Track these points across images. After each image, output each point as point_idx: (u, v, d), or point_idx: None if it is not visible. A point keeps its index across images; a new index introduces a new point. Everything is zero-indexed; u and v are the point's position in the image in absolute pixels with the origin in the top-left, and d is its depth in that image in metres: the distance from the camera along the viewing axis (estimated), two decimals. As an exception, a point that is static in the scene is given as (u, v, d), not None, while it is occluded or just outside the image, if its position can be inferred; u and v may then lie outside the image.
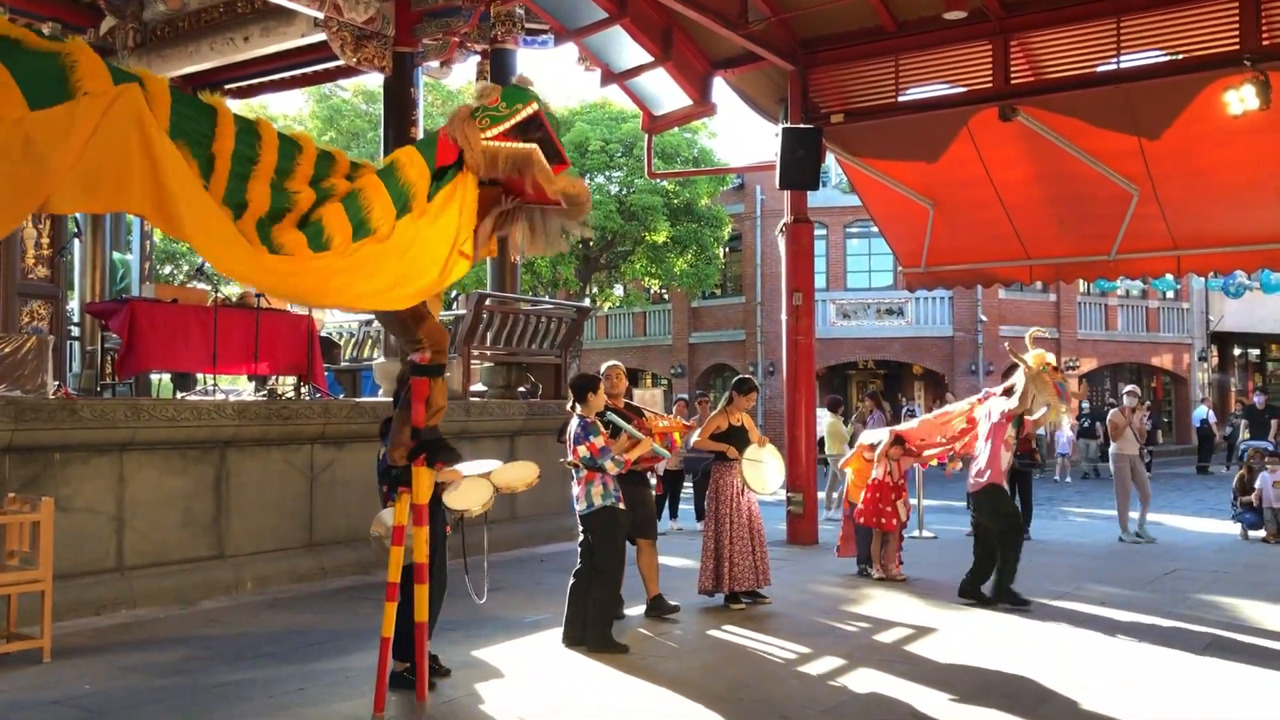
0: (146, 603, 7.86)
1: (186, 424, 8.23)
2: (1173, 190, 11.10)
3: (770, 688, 5.83)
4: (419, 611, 5.33)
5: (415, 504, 5.07)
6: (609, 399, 7.60)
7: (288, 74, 14.30)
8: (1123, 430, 12.19)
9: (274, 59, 13.29)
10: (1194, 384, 32.59)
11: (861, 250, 30.12)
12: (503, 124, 4.89)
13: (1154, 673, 6.19)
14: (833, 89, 11.97)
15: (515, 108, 4.96)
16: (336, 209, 4.32)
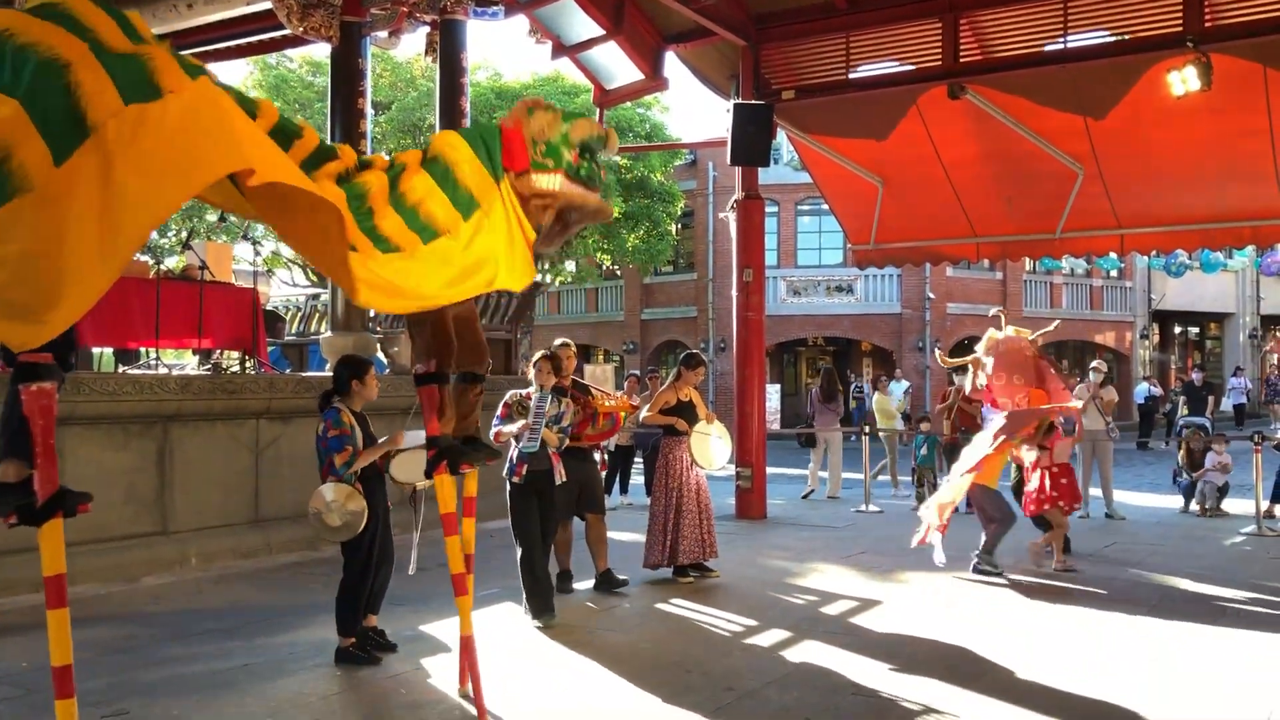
0: (88, 579, 7.73)
1: (128, 398, 8.10)
2: (1117, 170, 11.27)
3: (717, 660, 5.88)
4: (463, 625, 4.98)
5: (444, 513, 4.78)
6: (558, 378, 7.58)
7: (233, 43, 14.00)
8: (1085, 406, 12.18)
9: (219, 27, 13.02)
10: (1135, 361, 33.21)
11: (812, 228, 30.28)
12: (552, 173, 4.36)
13: (1091, 643, 6.32)
14: (784, 65, 11.98)
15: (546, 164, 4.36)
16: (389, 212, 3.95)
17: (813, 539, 10.31)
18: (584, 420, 7.33)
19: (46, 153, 3.08)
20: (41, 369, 3.36)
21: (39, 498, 3.44)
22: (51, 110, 3.10)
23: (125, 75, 3.20)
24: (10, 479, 3.48)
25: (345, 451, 5.56)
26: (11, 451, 3.46)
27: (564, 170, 4.35)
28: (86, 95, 3.12)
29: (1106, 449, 12.17)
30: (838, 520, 11.72)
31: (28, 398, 3.36)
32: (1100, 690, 5.29)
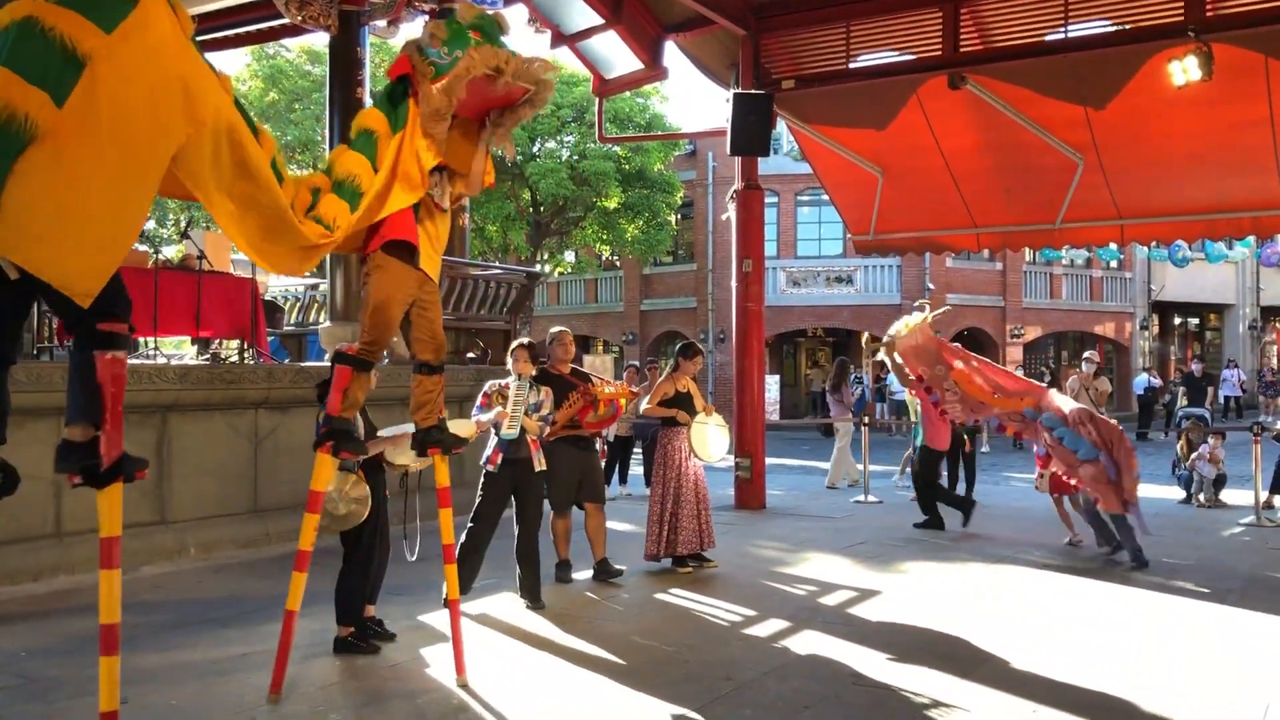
0: (86, 569, 7.72)
1: (132, 388, 8.07)
2: (1117, 160, 11.25)
3: (716, 650, 5.88)
4: (291, 599, 5.10)
5: (312, 489, 4.91)
6: (557, 365, 7.58)
7: (230, 32, 13.95)
8: (1079, 397, 12.18)
9: (216, 16, 12.95)
10: (1135, 352, 33.21)
11: (812, 218, 30.24)
12: (445, 77, 4.58)
13: (1090, 632, 6.32)
14: (784, 54, 11.95)
15: (455, 56, 4.58)
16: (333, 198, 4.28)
17: (812, 529, 10.31)
18: (585, 407, 7.31)
19: (46, 98, 3.20)
20: (117, 338, 3.51)
21: (104, 461, 3.58)
22: (37, 59, 3.22)
23: (94, 7, 3.31)
24: (77, 439, 3.59)
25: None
26: (83, 414, 3.56)
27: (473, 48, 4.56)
28: (64, 33, 3.25)
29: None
30: (837, 511, 11.73)
31: (102, 365, 3.49)
32: (1098, 679, 5.29)
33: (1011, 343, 30.27)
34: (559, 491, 7.57)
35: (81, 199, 3.27)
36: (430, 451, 5.22)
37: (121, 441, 3.61)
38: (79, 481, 3.65)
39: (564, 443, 7.47)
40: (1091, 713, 4.79)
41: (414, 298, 4.98)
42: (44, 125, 3.20)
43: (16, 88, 3.18)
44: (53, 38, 3.24)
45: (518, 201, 25.89)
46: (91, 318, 3.46)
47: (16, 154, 3.18)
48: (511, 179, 25.26)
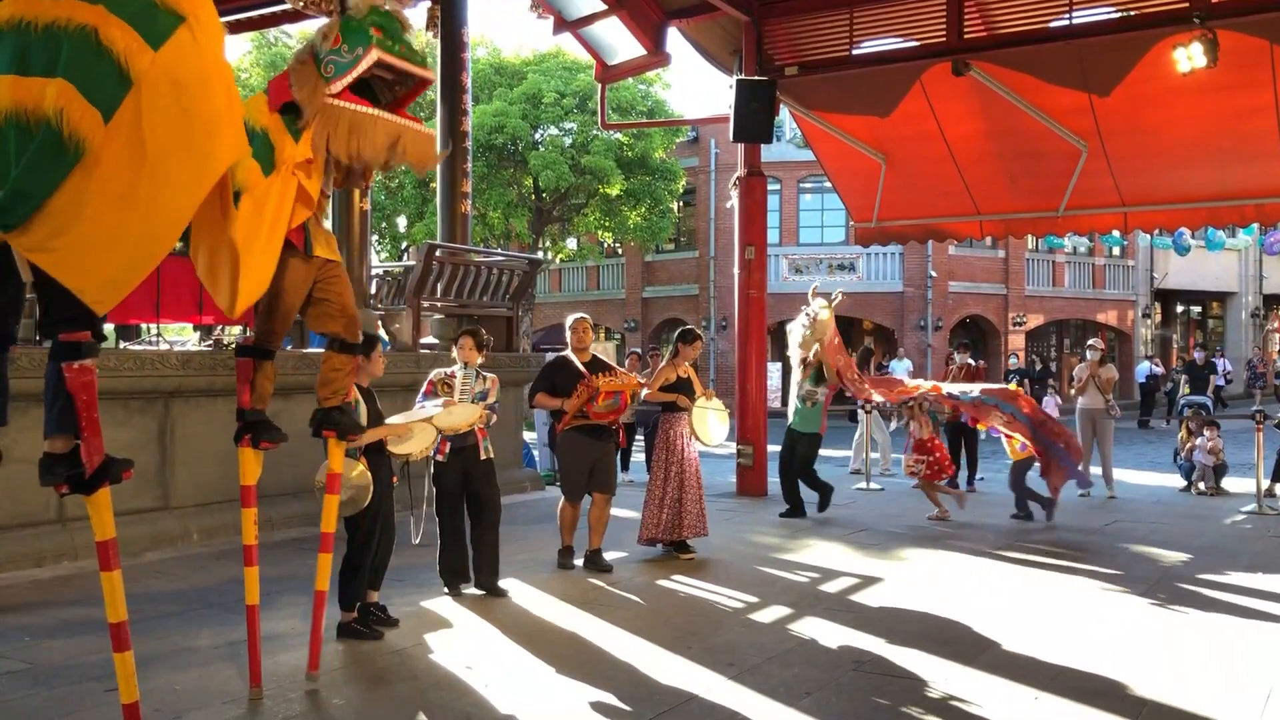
0: (88, 555, 7.73)
1: (128, 374, 8.08)
2: (1121, 147, 11.22)
3: (717, 635, 5.89)
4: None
5: (244, 485, 4.83)
6: (576, 352, 7.58)
7: (232, 18, 13.90)
8: (1084, 385, 12.20)
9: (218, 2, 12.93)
10: (1137, 340, 33.19)
11: (814, 205, 30.20)
12: (346, 76, 4.26)
13: (1092, 619, 6.33)
14: (787, 41, 11.91)
15: (356, 53, 4.26)
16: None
17: (813, 516, 10.32)
18: (588, 398, 7.30)
19: (99, 118, 3.23)
20: (83, 347, 3.50)
21: (87, 469, 3.60)
22: (95, 75, 3.24)
23: (142, 17, 3.31)
24: (59, 450, 3.62)
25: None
26: (59, 426, 3.59)
27: (375, 45, 4.28)
28: (120, 51, 3.26)
29: (1107, 427, 12.11)
30: (838, 498, 11.71)
31: (71, 375, 3.49)
32: (1100, 666, 5.30)
33: (1013, 330, 30.26)
34: (568, 479, 7.57)
35: (114, 218, 3.28)
36: (325, 434, 5.03)
37: (102, 446, 3.62)
38: (67, 491, 3.68)
39: (576, 431, 7.47)
40: (1093, 699, 4.80)
41: (313, 280, 4.75)
42: (93, 144, 3.22)
43: (76, 104, 3.20)
44: (111, 54, 3.25)
45: (520, 188, 25.85)
46: (58, 328, 3.47)
47: (68, 171, 3.21)
48: (514, 166, 25.22)
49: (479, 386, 6.79)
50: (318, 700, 4.75)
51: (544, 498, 11.84)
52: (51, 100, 3.19)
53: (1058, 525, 9.83)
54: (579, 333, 7.65)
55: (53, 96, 3.19)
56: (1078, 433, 12.17)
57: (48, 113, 3.19)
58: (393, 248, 28.43)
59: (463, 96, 12.41)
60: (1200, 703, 4.76)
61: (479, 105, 23.71)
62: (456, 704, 4.74)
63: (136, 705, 3.84)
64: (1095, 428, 12.08)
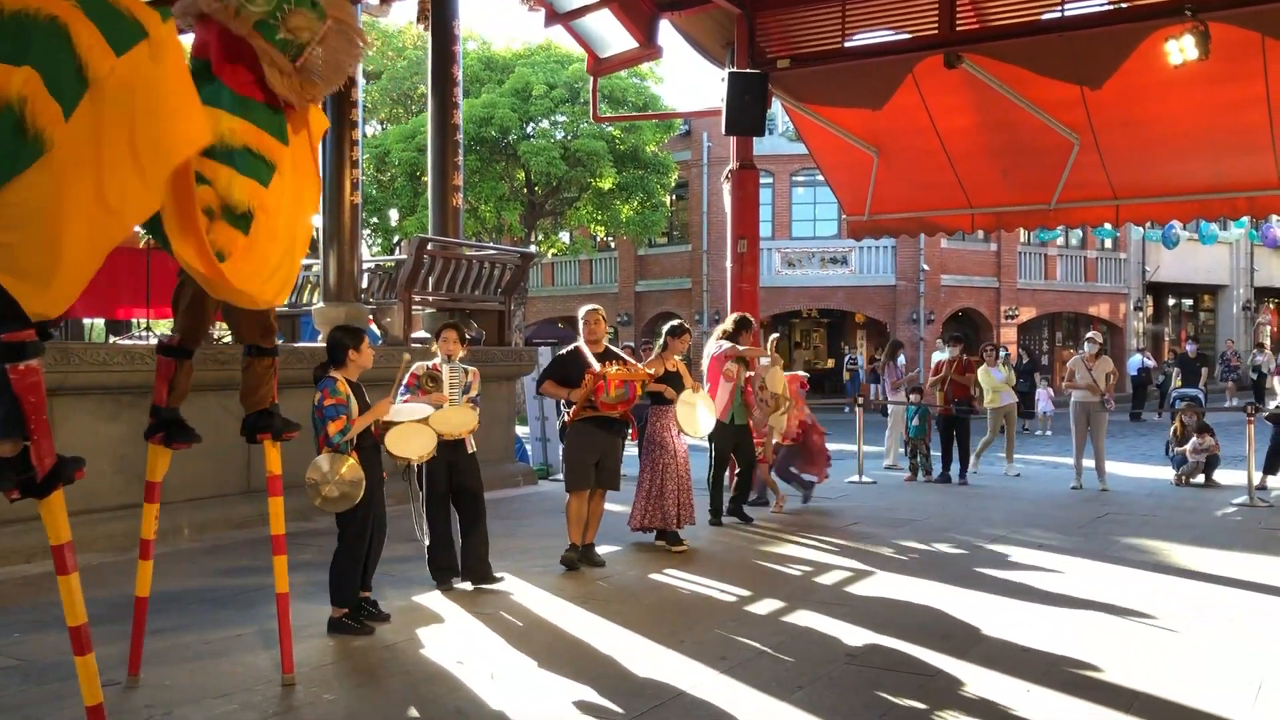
0: (79, 550, 7.65)
1: (118, 369, 8.04)
2: (1113, 140, 11.23)
3: (710, 629, 5.88)
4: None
5: (149, 480, 4.86)
6: (589, 343, 7.56)
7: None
8: (1079, 377, 12.17)
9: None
10: (1129, 333, 33.26)
11: (807, 199, 30.20)
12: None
13: (1086, 612, 6.33)
14: (779, 33, 11.89)
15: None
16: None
17: (806, 510, 10.33)
18: (597, 388, 7.26)
19: (57, 109, 3.20)
20: (27, 347, 3.41)
21: (38, 472, 3.52)
22: (59, 68, 3.22)
23: (109, 24, 3.32)
24: (8, 454, 3.52)
25: (340, 420, 5.53)
26: (6, 430, 3.49)
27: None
28: (84, 49, 3.25)
29: (1101, 420, 12.11)
30: (831, 491, 11.72)
31: (16, 376, 3.40)
32: (1092, 659, 5.30)
33: (1006, 324, 30.31)
34: (573, 469, 7.53)
35: (68, 216, 3.23)
36: (260, 437, 5.03)
37: (53, 448, 3.54)
38: (18, 496, 3.58)
39: (584, 423, 7.44)
40: (1085, 692, 4.80)
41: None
42: (55, 139, 3.19)
43: (40, 94, 3.18)
44: (73, 48, 3.23)
45: (511, 182, 25.80)
46: (1, 327, 3.37)
47: (26, 163, 3.17)
48: (505, 159, 25.17)
49: (463, 380, 6.77)
50: (309, 696, 4.73)
51: (537, 492, 11.83)
52: (17, 86, 3.16)
53: (1050, 518, 9.85)
54: (590, 324, 7.64)
55: (18, 83, 3.16)
56: (1072, 425, 12.20)
57: (11, 97, 3.16)
58: (384, 241, 28.36)
59: (453, 90, 12.36)
60: (1192, 695, 4.76)
61: (468, 99, 23.64)
62: (448, 699, 4.72)
63: (101, 707, 3.79)
64: (1089, 420, 12.07)
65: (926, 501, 11.01)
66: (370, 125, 27.85)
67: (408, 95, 27.70)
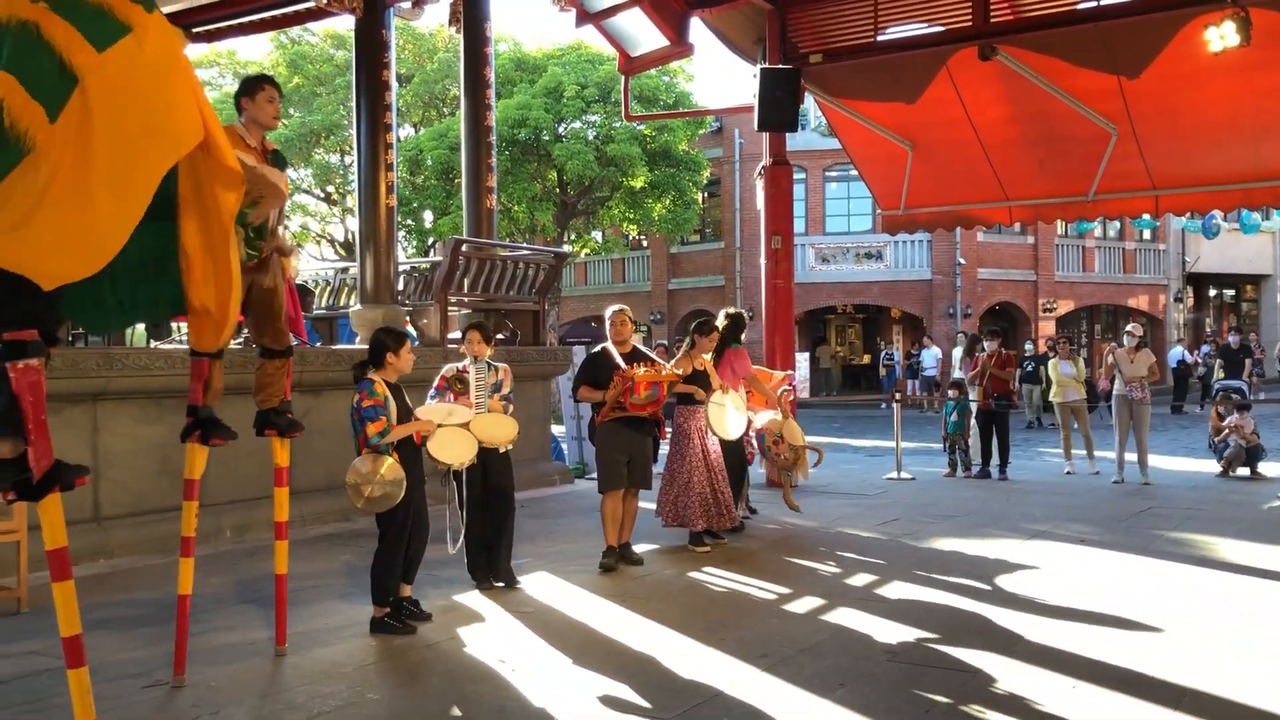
0: (124, 552, 7.83)
1: (160, 373, 8.14)
2: (1151, 130, 11.07)
3: (749, 627, 5.87)
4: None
5: (188, 479, 5.00)
6: (616, 345, 7.56)
7: (256, 16, 13.96)
8: (1117, 369, 12.05)
9: (240, 1, 12.99)
10: (1169, 325, 32.82)
11: (840, 194, 30.05)
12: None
13: (1131, 609, 6.25)
14: (811, 29, 11.83)
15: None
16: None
17: (844, 506, 10.28)
18: (625, 390, 7.26)
19: (41, 113, 3.25)
20: (29, 346, 3.41)
21: (35, 473, 3.49)
22: (39, 71, 3.27)
23: (86, 22, 3.38)
24: (6, 455, 3.50)
25: (379, 421, 5.57)
26: (4, 429, 3.46)
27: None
28: (62, 48, 3.30)
29: (1143, 413, 11.96)
30: (869, 488, 11.68)
31: (16, 375, 3.39)
32: (1137, 654, 5.24)
33: (1044, 317, 30.01)
34: (605, 469, 7.53)
35: (65, 212, 3.28)
36: (267, 433, 5.31)
37: (51, 451, 3.52)
38: (13, 498, 3.58)
39: (614, 424, 7.44)
40: (1132, 688, 4.74)
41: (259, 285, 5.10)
42: (39, 141, 3.23)
43: (19, 97, 3.22)
44: (52, 49, 3.28)
45: (544, 182, 25.86)
46: (2, 327, 3.38)
47: (10, 165, 3.22)
48: (538, 160, 25.24)
49: (492, 378, 6.79)
50: (352, 695, 4.77)
51: (573, 491, 11.85)
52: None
53: (1092, 512, 9.74)
54: (617, 325, 7.63)
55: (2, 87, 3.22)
56: (1114, 418, 12.06)
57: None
58: (419, 242, 28.52)
59: (486, 92, 12.40)
60: (1240, 690, 4.69)
61: (501, 100, 23.73)
62: (491, 697, 4.74)
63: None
64: (1132, 413, 11.93)
65: (966, 497, 10.93)
66: (403, 128, 28.01)
67: (439, 98, 27.82)
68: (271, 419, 5.31)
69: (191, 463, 4.98)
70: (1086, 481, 12.15)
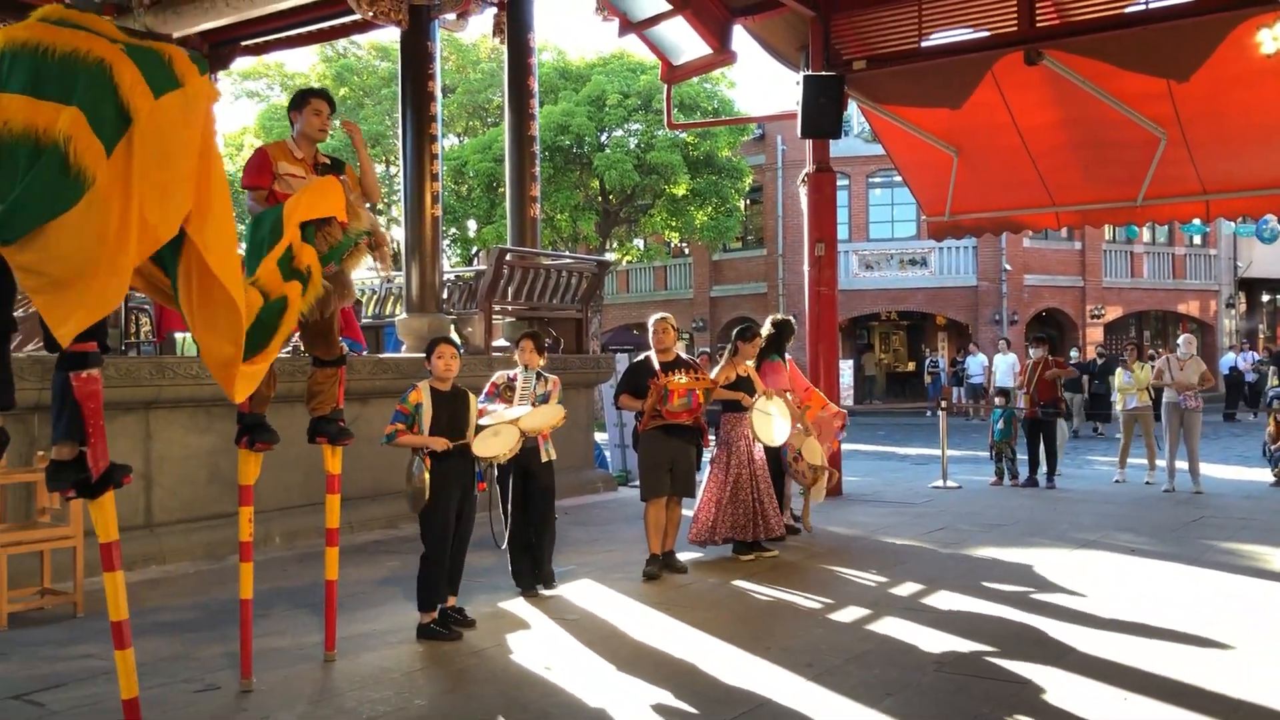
0: (176, 558, 7.95)
1: (210, 381, 8.22)
2: (1202, 133, 10.90)
3: (795, 637, 5.85)
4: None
5: (242, 485, 5.14)
6: (658, 353, 7.58)
7: (303, 29, 14.19)
8: (1168, 380, 11.93)
9: (289, 15, 13.17)
10: (1220, 331, 32.27)
11: (884, 200, 29.87)
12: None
13: (1183, 620, 6.15)
14: (854, 35, 11.78)
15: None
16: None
17: (890, 515, 10.21)
18: (659, 397, 7.28)
19: (101, 149, 3.38)
20: (89, 357, 3.64)
21: (93, 474, 3.74)
22: (103, 108, 3.40)
23: (151, 67, 3.52)
24: (66, 457, 3.75)
25: (390, 427, 5.86)
26: (67, 434, 3.71)
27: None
28: (126, 90, 3.44)
29: (1194, 421, 11.79)
30: (915, 496, 11.60)
31: (78, 384, 3.63)
32: (1190, 666, 5.15)
33: (1091, 323, 29.64)
34: (646, 477, 7.54)
35: (100, 251, 3.42)
36: (318, 440, 5.40)
37: (107, 452, 3.76)
38: (73, 495, 3.84)
39: (656, 431, 7.44)
40: (1186, 701, 4.67)
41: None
42: (97, 177, 3.37)
43: (84, 134, 3.35)
44: (116, 90, 3.42)
45: (586, 190, 25.96)
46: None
47: (72, 201, 3.34)
48: (580, 168, 25.34)
49: (540, 389, 6.82)
50: (400, 701, 4.81)
51: (616, 498, 11.87)
52: (63, 126, 3.34)
53: (1141, 522, 9.60)
54: (659, 333, 7.64)
55: (64, 123, 3.35)
56: (1165, 426, 11.89)
57: (56, 137, 3.34)
58: (463, 251, 28.73)
59: (529, 101, 12.49)
60: (1299, 705, 4.60)
61: (544, 108, 23.87)
62: (538, 704, 4.76)
63: (136, 701, 3.95)
64: (1182, 421, 11.77)
65: (1013, 506, 10.81)
66: (447, 138, 28.26)
67: (483, 108, 28.04)
68: (323, 427, 5.39)
69: (244, 469, 5.10)
70: (1137, 491, 11.97)
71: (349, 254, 4.91)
